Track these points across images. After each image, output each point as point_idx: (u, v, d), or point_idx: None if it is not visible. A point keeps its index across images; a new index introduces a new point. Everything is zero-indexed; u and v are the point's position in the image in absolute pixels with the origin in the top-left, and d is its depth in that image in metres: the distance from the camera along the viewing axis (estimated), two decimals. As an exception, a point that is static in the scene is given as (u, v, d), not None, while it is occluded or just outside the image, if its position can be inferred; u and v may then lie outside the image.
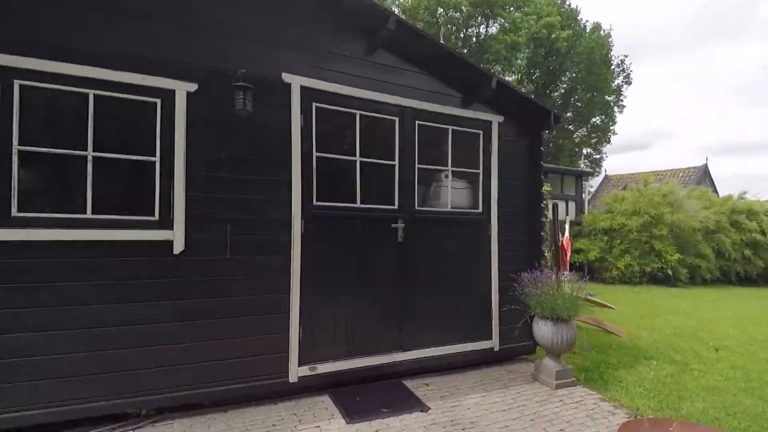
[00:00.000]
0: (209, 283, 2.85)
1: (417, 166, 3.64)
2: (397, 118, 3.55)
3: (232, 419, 2.78)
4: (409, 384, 3.41)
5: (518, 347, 4.00)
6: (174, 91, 2.77)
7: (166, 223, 2.75)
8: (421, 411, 2.97)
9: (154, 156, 2.75)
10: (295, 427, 2.71)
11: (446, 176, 3.90)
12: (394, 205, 3.53)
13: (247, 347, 2.93)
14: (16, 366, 2.39)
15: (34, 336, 2.43)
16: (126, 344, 2.62)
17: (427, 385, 3.43)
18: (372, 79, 3.43)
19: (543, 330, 3.40)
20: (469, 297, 3.85)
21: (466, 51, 19.34)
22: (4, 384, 2.36)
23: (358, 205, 3.38)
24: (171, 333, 2.73)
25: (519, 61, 19.13)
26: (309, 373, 3.10)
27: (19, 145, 2.44)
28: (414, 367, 3.54)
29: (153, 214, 2.74)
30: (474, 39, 20.55)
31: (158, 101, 2.75)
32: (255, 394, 2.98)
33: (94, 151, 2.60)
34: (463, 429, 2.74)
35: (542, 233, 4.17)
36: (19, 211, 2.44)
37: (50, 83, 2.50)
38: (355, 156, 3.39)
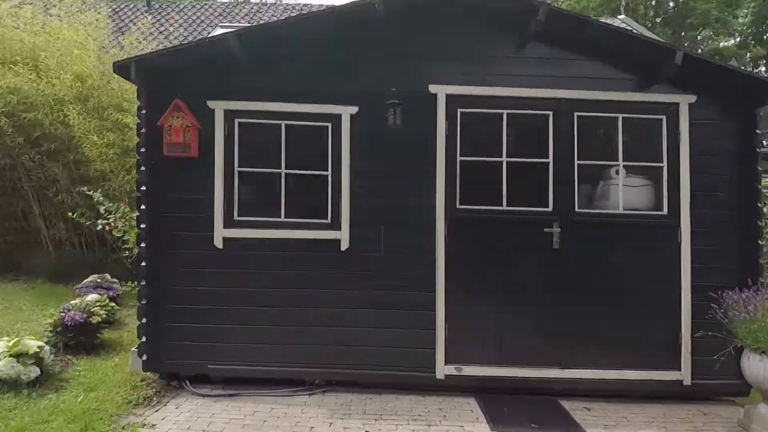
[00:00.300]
0: (367, 276, 3.24)
1: (576, 162, 3.30)
2: (550, 113, 3.30)
3: (384, 401, 3.08)
4: (566, 405, 3.11)
5: (720, 385, 3.15)
6: (340, 115, 3.28)
7: (336, 224, 3.27)
8: (577, 437, 2.69)
9: (327, 170, 3.30)
10: (440, 422, 2.82)
11: (617, 172, 3.40)
12: (547, 207, 3.29)
13: (397, 338, 3.20)
14: (236, 330, 3.22)
15: (244, 308, 3.23)
16: (304, 322, 3.23)
17: (589, 409, 3.06)
18: (521, 75, 3.29)
19: (757, 368, 2.61)
20: (648, 316, 3.25)
21: (659, 20, 16.10)
22: (226, 343, 3.22)
23: (504, 207, 3.29)
24: (336, 317, 3.22)
25: (740, 20, 14.85)
26: (455, 372, 3.18)
27: (239, 167, 3.31)
28: (572, 388, 3.21)
29: (326, 218, 3.30)
30: (671, 3, 16.94)
31: (329, 125, 3.31)
32: (403, 384, 3.22)
33: (286, 168, 3.32)
34: (630, 467, 2.36)
35: (760, 242, 3.19)
36: (238, 216, 3.31)
37: (252, 118, 3.30)
38: (501, 156, 3.31)
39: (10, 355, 2.84)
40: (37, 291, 5.55)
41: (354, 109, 3.26)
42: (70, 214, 5.91)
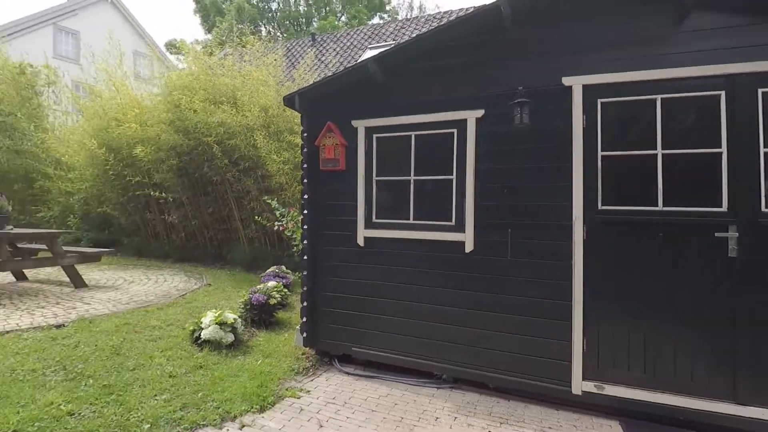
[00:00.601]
0: (493, 279, 3.24)
1: (762, 150, 2.65)
2: (722, 92, 2.73)
3: (512, 407, 3.03)
4: (748, 449, 2.52)
5: None
6: (466, 120, 3.38)
7: (460, 227, 3.37)
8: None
9: (452, 175, 3.44)
10: (572, 438, 2.64)
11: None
12: (720, 206, 2.72)
13: (527, 345, 3.10)
14: (374, 319, 3.62)
15: (382, 300, 3.60)
16: (433, 318, 3.42)
17: (783, 461, 2.41)
18: (679, 52, 2.81)
19: None
20: None
21: None
22: (366, 330, 3.64)
23: (659, 208, 2.85)
24: (463, 317, 3.31)
25: None
26: (594, 390, 2.90)
27: (377, 176, 3.72)
28: (751, 431, 2.57)
29: (450, 220, 3.43)
30: None
31: (455, 131, 3.44)
32: (534, 393, 3.10)
33: (415, 175, 3.58)
34: None
35: None
36: (376, 218, 3.72)
37: (387, 132, 3.66)
38: (654, 149, 2.88)
39: (215, 324, 3.83)
40: (236, 277, 7.17)
41: (479, 113, 3.31)
42: (256, 217, 7.51)
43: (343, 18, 30.66)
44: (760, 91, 2.63)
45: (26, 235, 5.70)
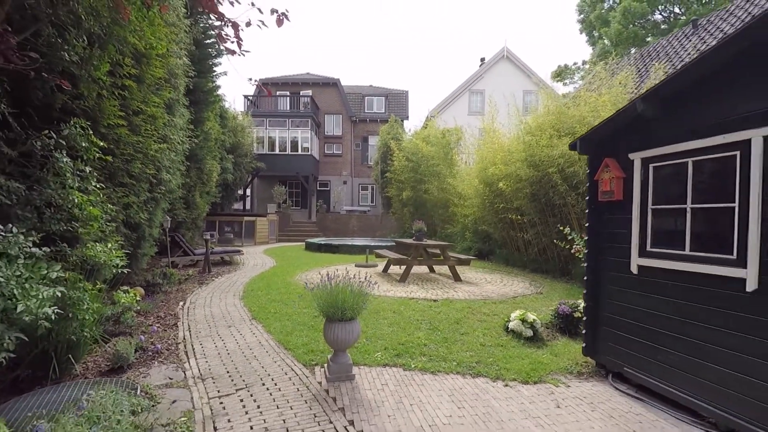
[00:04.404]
0: (785, 328, 2.72)
1: None
2: None
3: (801, 486, 2.50)
4: None
5: None
6: (750, 139, 3.01)
7: (742, 262, 3.01)
8: None
9: (734, 202, 3.11)
10: None
11: None
12: None
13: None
14: (644, 345, 3.75)
15: (653, 328, 3.72)
16: (707, 358, 3.21)
17: None
18: None
19: None
20: None
21: None
22: (637, 354, 3.81)
23: None
24: (744, 363, 2.95)
25: None
26: None
27: (652, 205, 3.84)
28: None
29: (731, 254, 3.11)
30: None
31: (737, 153, 3.11)
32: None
33: (692, 203, 3.47)
34: None
35: None
36: (650, 247, 3.83)
37: (663, 161, 3.70)
38: None
39: (518, 320, 5.15)
40: (571, 290, 7.99)
41: (767, 130, 2.89)
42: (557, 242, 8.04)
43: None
44: None
45: (432, 245, 9.24)
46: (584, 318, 4.52)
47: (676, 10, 29.11)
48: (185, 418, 3.15)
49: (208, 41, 11.22)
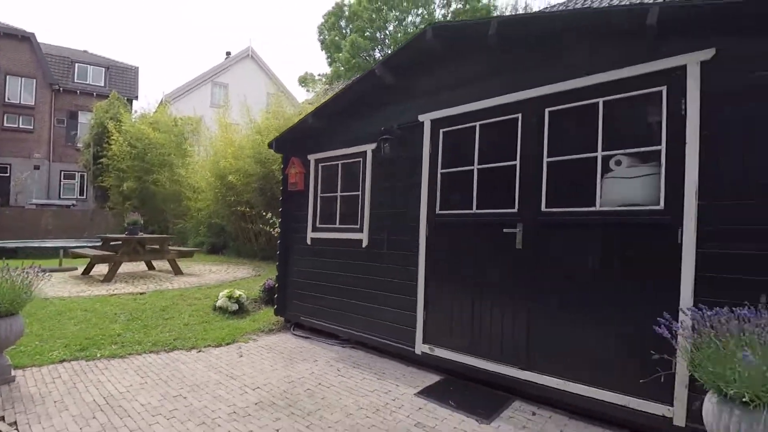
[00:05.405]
0: (379, 267, 4.31)
1: (546, 160, 3.20)
2: (519, 115, 3.37)
3: (374, 360, 4.07)
4: (516, 404, 3.11)
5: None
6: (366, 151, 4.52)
7: (364, 228, 4.51)
8: (480, 422, 2.86)
9: (359, 191, 4.61)
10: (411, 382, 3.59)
11: (608, 163, 2.97)
12: (512, 208, 3.35)
13: (390, 315, 4.10)
14: (313, 297, 4.97)
15: (318, 284, 4.96)
16: (342, 295, 4.62)
17: (534, 414, 2.98)
18: (495, 85, 3.52)
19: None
20: (627, 332, 2.75)
21: None
22: (307, 305, 5.01)
23: (473, 210, 3.59)
24: (360, 294, 4.44)
25: None
26: (428, 351, 3.75)
27: (321, 193, 5.10)
28: (536, 394, 3.12)
29: (357, 224, 4.60)
30: None
31: (360, 160, 4.61)
32: (394, 353, 4.07)
33: (341, 192, 4.85)
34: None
35: None
36: (319, 224, 5.09)
37: (324, 162, 5.02)
38: (472, 165, 3.64)
39: (225, 297, 5.67)
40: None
41: (373, 146, 4.44)
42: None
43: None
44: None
45: (150, 238, 8.62)
46: (276, 285, 5.47)
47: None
48: None
49: None
